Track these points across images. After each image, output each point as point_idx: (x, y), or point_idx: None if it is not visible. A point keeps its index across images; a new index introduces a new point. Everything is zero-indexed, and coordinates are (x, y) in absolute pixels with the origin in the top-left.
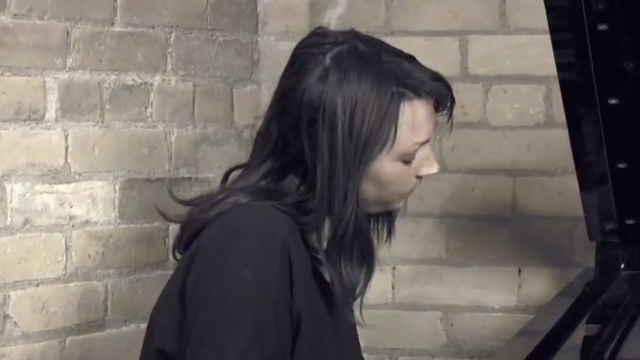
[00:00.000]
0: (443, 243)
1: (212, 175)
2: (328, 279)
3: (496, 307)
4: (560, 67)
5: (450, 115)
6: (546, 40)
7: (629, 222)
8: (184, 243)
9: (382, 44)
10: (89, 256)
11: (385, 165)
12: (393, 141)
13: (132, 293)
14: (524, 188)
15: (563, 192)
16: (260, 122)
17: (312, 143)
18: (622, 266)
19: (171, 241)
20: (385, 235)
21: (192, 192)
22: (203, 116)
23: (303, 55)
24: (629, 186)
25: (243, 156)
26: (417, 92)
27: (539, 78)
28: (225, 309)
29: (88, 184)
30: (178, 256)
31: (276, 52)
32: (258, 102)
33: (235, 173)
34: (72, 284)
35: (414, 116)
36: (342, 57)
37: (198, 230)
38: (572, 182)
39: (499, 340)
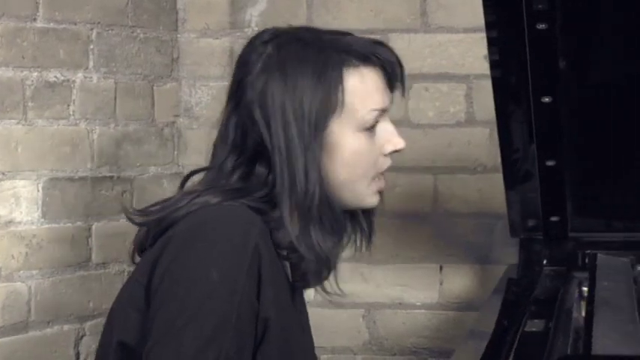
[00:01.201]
0: None
1: (134, 174)
2: (290, 274)
3: (418, 303)
4: (493, 64)
5: (403, 81)
6: (467, 38)
7: (554, 219)
8: (151, 240)
9: (321, 29)
10: (13, 256)
11: (347, 137)
12: (343, 106)
13: (55, 294)
14: (445, 186)
15: (483, 189)
16: (219, 125)
17: (269, 131)
18: (544, 262)
19: (93, 240)
20: (365, 240)
21: (115, 191)
22: (124, 114)
23: (247, 50)
24: (555, 183)
25: (163, 154)
26: (361, 59)
27: (460, 76)
28: (186, 307)
29: (12, 183)
30: (137, 259)
31: (196, 49)
32: (178, 99)
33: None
34: None
35: (363, 82)
36: (283, 43)
37: (166, 228)
38: (493, 179)
39: (421, 337)
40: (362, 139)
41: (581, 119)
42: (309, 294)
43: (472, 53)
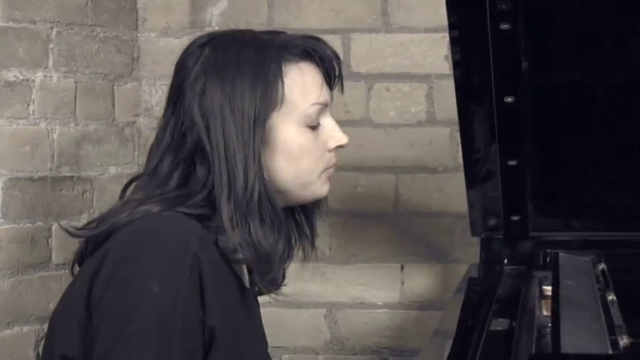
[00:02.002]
0: (326, 240)
1: (94, 174)
2: (243, 278)
3: (379, 303)
4: (456, 64)
5: (341, 76)
6: (427, 38)
7: (515, 218)
8: (90, 249)
9: (256, 30)
10: None
11: (291, 132)
12: (282, 101)
13: (15, 295)
14: (406, 185)
15: (444, 189)
16: (157, 130)
17: (207, 129)
18: (505, 261)
19: (54, 241)
20: (308, 232)
21: (75, 191)
22: (85, 114)
23: (184, 55)
24: (517, 183)
25: (123, 154)
26: (299, 54)
27: (421, 76)
28: (130, 322)
29: None
30: (77, 270)
31: (157, 48)
32: (138, 99)
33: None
34: None
35: (302, 77)
36: (219, 44)
37: (106, 237)
38: (454, 179)
39: (382, 336)
40: (305, 133)
41: (543, 119)
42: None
43: (433, 53)
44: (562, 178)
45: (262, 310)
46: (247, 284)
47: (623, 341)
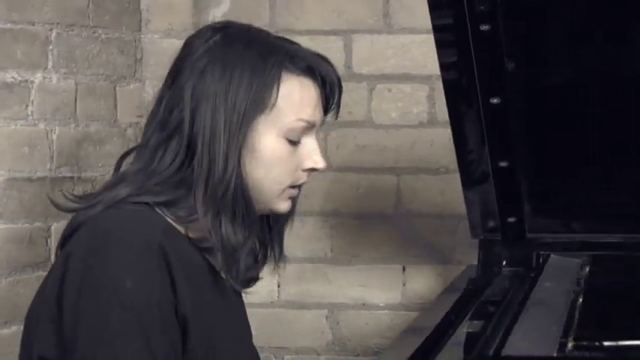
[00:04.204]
0: (328, 241)
1: (95, 175)
2: (217, 266)
3: (381, 304)
4: (443, 66)
5: (339, 103)
6: (429, 39)
7: (511, 220)
8: (62, 239)
9: (272, 33)
10: None
11: (270, 138)
12: (273, 105)
13: (13, 295)
14: (408, 186)
15: (446, 190)
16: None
17: (195, 113)
18: (504, 263)
19: (53, 241)
20: (277, 249)
21: (75, 191)
22: (85, 115)
23: (195, 34)
24: (510, 184)
25: None
26: (303, 69)
27: (423, 77)
28: (109, 323)
29: None
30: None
31: (160, 49)
32: (141, 100)
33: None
34: None
35: (298, 91)
36: (231, 34)
37: (76, 229)
38: (455, 180)
39: (384, 338)
40: (283, 145)
41: (533, 119)
42: (273, 295)
43: (434, 54)
44: (557, 178)
45: (265, 311)
46: (220, 270)
47: (570, 344)
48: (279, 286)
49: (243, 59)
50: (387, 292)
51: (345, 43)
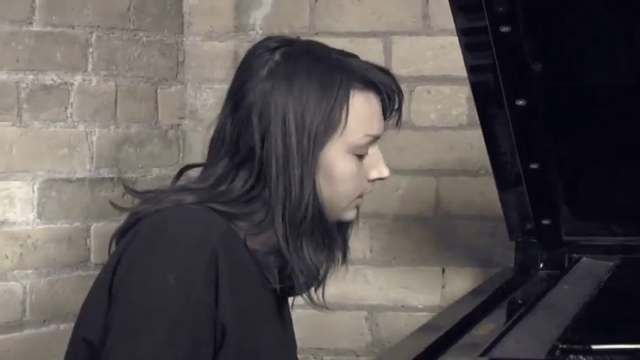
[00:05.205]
0: (367, 243)
1: (135, 176)
2: (273, 281)
3: (420, 306)
4: (469, 69)
5: (400, 110)
6: None
7: (545, 222)
8: (119, 233)
9: (329, 47)
10: (6, 256)
11: (339, 157)
12: (345, 126)
13: (52, 294)
14: (447, 188)
15: (485, 192)
16: (217, 123)
17: (265, 137)
18: (541, 266)
19: (92, 241)
20: (341, 252)
21: (115, 192)
22: (126, 116)
23: (253, 54)
24: (543, 186)
25: (167, 156)
26: (367, 84)
27: (462, 79)
28: (141, 310)
29: (5, 184)
30: (114, 247)
31: (202, 52)
32: (183, 102)
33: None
34: None
35: (365, 107)
36: (291, 53)
37: (134, 223)
38: (494, 182)
39: None
40: (351, 162)
41: (563, 121)
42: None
43: None
44: (594, 180)
45: (304, 312)
46: (276, 285)
47: (560, 347)
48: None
49: (309, 80)
50: (426, 294)
51: (385, 45)
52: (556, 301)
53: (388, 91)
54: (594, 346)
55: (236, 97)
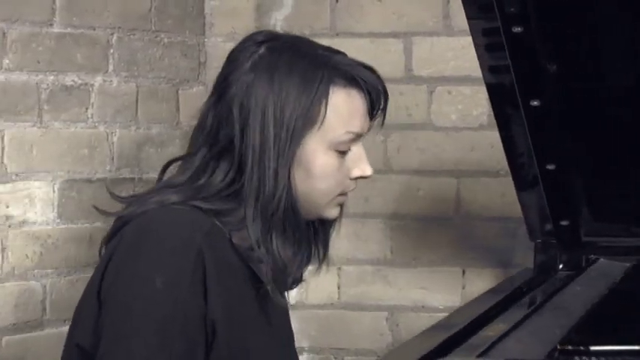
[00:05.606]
0: (388, 243)
1: (156, 176)
2: (261, 274)
3: (440, 307)
4: (485, 70)
5: (385, 110)
6: None
7: (564, 223)
8: (107, 237)
9: (317, 43)
10: (27, 256)
11: (319, 152)
12: (322, 121)
13: (72, 293)
14: (468, 189)
15: (506, 193)
16: (199, 114)
17: (244, 127)
18: (560, 267)
19: None
20: (321, 251)
21: (136, 192)
22: (147, 117)
23: (240, 47)
24: (560, 187)
25: None
26: (349, 80)
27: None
28: (130, 314)
29: (25, 184)
30: (104, 251)
31: (223, 53)
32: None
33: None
34: (8, 284)
35: (346, 103)
36: (276, 47)
37: (120, 227)
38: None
39: None
40: (332, 158)
41: (580, 121)
42: (333, 296)
43: None
44: (613, 181)
45: (325, 312)
46: (266, 279)
47: (559, 348)
48: (339, 288)
49: (290, 74)
50: (446, 295)
51: (405, 46)
52: (565, 301)
53: (372, 90)
54: (594, 348)
55: (219, 89)
